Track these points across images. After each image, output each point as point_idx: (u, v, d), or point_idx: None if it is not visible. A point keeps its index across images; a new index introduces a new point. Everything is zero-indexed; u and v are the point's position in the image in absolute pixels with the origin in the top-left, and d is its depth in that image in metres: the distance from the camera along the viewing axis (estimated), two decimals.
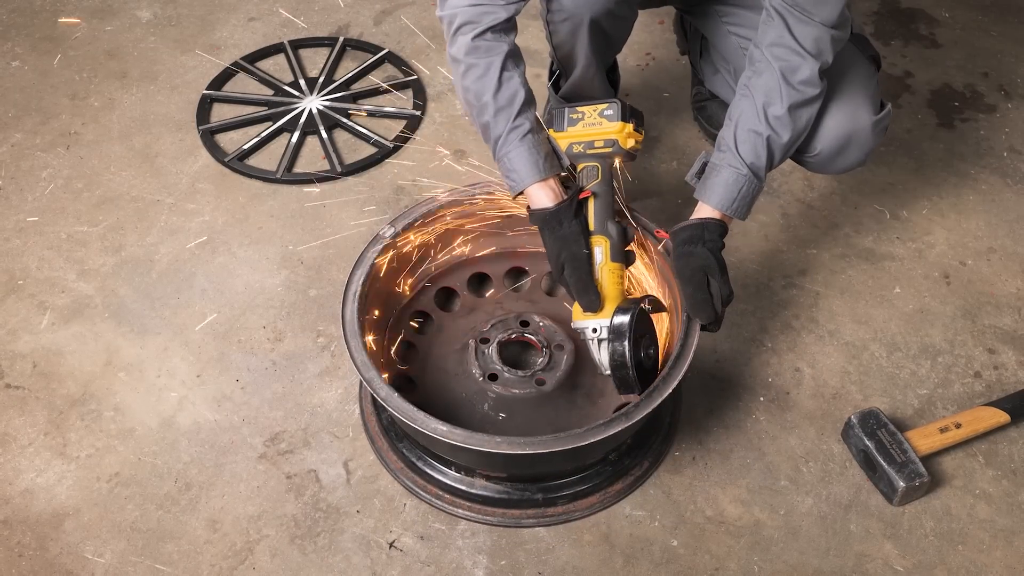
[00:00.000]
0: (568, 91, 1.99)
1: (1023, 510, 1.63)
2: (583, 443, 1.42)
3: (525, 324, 1.76)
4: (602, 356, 1.55)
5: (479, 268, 1.88)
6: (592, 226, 1.62)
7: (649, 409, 1.46)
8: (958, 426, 1.67)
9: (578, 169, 1.67)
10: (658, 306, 1.64)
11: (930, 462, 1.65)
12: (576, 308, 1.59)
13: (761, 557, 1.57)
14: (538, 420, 1.66)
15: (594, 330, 1.56)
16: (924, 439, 1.65)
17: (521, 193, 1.61)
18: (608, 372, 1.54)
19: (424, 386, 1.73)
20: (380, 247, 1.68)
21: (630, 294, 1.68)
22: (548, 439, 1.43)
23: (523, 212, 1.68)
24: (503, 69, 1.60)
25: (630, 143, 1.68)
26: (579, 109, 1.69)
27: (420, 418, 1.45)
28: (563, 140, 1.68)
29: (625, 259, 1.64)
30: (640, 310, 1.54)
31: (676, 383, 1.49)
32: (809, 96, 1.62)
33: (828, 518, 1.61)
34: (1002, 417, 1.70)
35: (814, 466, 1.68)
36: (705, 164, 1.65)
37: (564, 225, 1.58)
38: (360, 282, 1.63)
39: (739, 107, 1.63)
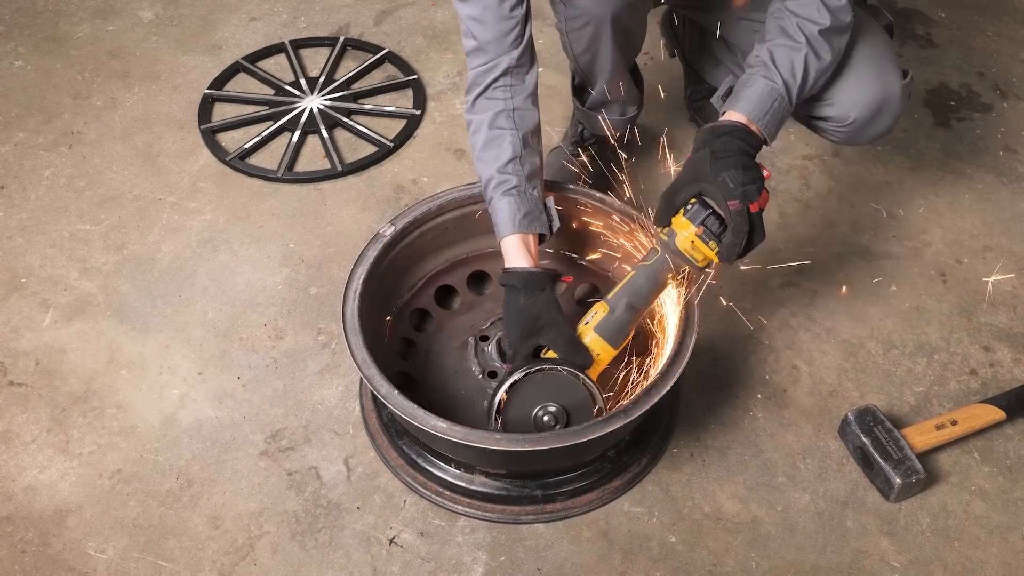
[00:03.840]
0: (595, 100, 1.96)
1: (1018, 506, 1.64)
2: (582, 440, 1.43)
3: None
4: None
5: (478, 266, 1.89)
6: (609, 295, 1.55)
7: (647, 407, 1.47)
8: (954, 423, 1.68)
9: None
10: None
11: (926, 459, 1.66)
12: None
13: (759, 553, 1.58)
14: None
15: None
16: (920, 436, 1.66)
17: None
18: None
19: (424, 384, 1.74)
20: (380, 245, 1.69)
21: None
22: (547, 436, 1.44)
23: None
24: (491, 126, 1.64)
25: (686, 245, 1.50)
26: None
27: (420, 415, 1.46)
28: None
29: (614, 345, 1.54)
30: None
31: (674, 381, 1.50)
32: (844, 23, 1.59)
33: (825, 514, 1.62)
34: (998, 414, 1.71)
35: (811, 463, 1.69)
36: (732, 87, 1.61)
37: (543, 291, 1.53)
38: (360, 280, 1.63)
39: (772, 29, 1.61)
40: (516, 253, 1.58)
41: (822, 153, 2.23)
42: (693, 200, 1.50)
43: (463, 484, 1.62)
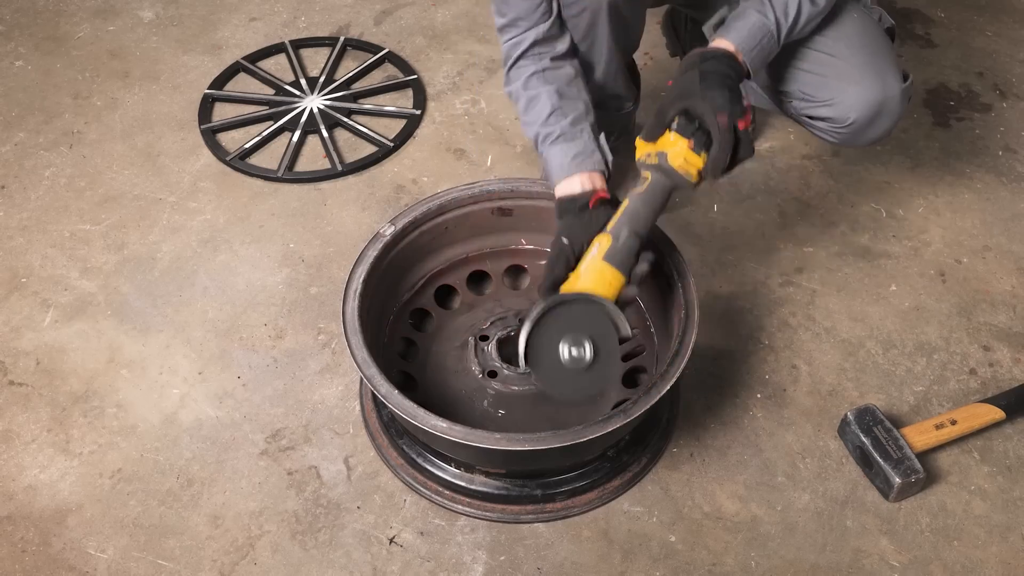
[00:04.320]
0: (591, 93, 1.94)
1: (1018, 506, 1.64)
2: (581, 439, 1.43)
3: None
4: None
5: (478, 266, 1.89)
6: (609, 226, 1.53)
7: (647, 406, 1.47)
8: (953, 423, 1.68)
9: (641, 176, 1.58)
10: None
11: (926, 458, 1.66)
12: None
13: (758, 553, 1.58)
14: (537, 416, 1.68)
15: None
16: (920, 436, 1.66)
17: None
18: None
19: (424, 383, 1.74)
20: (381, 245, 1.69)
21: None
22: (547, 436, 1.44)
23: None
24: (526, 89, 1.71)
25: (678, 161, 1.50)
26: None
27: (420, 415, 1.46)
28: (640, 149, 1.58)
29: (624, 271, 1.52)
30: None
31: (674, 380, 1.51)
32: None
33: (824, 514, 1.63)
34: (997, 414, 1.71)
35: (811, 462, 1.69)
36: (724, 19, 1.64)
37: (574, 213, 1.57)
38: (361, 280, 1.63)
39: None
40: (565, 184, 1.62)
41: (822, 153, 2.23)
42: (678, 118, 1.51)
43: (463, 483, 1.62)
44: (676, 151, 1.50)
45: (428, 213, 1.76)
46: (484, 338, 1.74)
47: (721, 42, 1.59)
